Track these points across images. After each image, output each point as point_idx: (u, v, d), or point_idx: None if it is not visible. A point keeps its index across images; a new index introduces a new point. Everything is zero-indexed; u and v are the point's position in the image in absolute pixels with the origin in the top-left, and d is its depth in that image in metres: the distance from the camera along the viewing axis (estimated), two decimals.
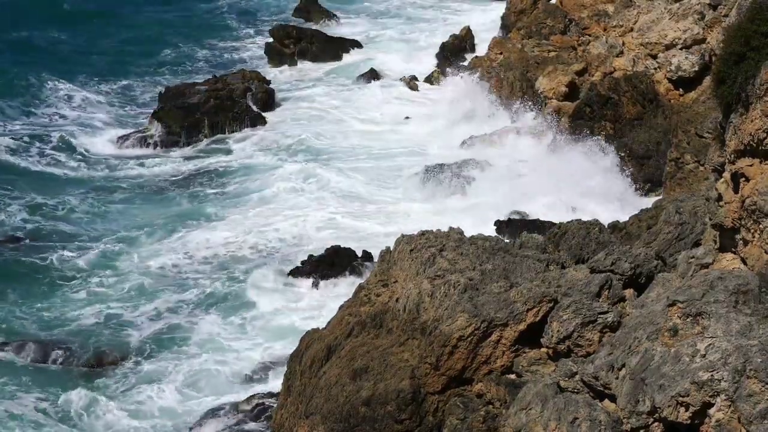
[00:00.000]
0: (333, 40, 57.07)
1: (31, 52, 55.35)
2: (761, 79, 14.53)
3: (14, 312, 28.93)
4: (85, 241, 33.67)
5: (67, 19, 61.65)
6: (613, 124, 36.58)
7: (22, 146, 42.41)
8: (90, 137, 44.20)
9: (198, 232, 34.28)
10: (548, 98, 40.23)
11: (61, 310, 29.04)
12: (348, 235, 33.59)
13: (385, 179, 38.73)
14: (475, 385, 17.49)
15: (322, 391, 18.80)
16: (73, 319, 28.58)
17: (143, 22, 62.85)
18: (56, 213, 35.99)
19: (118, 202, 37.59)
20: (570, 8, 46.53)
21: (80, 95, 49.13)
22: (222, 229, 34.46)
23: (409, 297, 19.07)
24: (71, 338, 27.46)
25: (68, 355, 26.71)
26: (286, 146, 42.67)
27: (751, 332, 13.18)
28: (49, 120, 46.22)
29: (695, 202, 21.62)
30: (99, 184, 39.38)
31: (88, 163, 41.70)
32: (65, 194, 37.79)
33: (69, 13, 63.31)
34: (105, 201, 37.44)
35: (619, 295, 17.49)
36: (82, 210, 36.45)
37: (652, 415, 13.30)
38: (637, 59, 38.20)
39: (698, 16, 37.95)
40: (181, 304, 29.55)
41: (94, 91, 50.17)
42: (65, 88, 49.69)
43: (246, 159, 42.01)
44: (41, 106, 47.45)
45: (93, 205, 36.99)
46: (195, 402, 24.77)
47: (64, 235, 34.14)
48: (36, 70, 50.95)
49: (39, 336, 27.61)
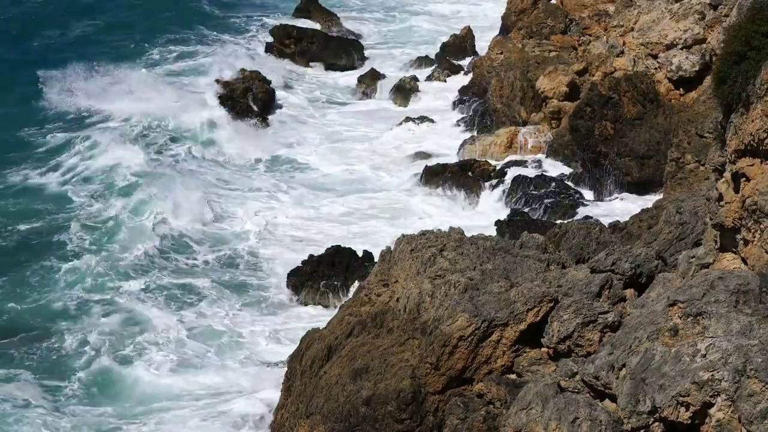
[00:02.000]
0: (333, 39, 57.06)
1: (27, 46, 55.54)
2: (762, 79, 14.54)
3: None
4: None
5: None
6: (613, 124, 36.55)
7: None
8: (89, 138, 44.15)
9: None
10: (549, 98, 40.22)
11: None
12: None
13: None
14: (476, 384, 17.49)
15: (323, 391, 18.80)
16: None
17: (144, 22, 62.80)
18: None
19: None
20: (570, 8, 46.52)
21: (80, 94, 49.01)
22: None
23: (410, 297, 19.08)
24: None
25: None
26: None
27: (752, 332, 13.18)
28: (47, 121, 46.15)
29: (696, 202, 21.62)
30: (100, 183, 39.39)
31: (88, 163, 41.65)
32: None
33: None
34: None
35: (619, 295, 17.49)
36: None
37: (653, 414, 13.29)
38: (638, 59, 38.17)
39: (699, 16, 37.92)
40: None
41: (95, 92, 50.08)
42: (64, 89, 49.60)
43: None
44: (39, 100, 47.32)
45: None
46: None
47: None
48: (30, 67, 50.92)
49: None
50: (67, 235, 33.58)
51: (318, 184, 39.22)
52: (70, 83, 47.56)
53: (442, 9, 66.95)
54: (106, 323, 28.15)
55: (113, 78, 48.41)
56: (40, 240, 33.46)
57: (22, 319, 28.58)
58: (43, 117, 45.29)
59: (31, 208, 36.10)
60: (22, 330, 27.89)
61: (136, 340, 27.41)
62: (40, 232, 34.11)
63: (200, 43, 57.22)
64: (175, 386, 25.51)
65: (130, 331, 27.86)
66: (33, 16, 61.82)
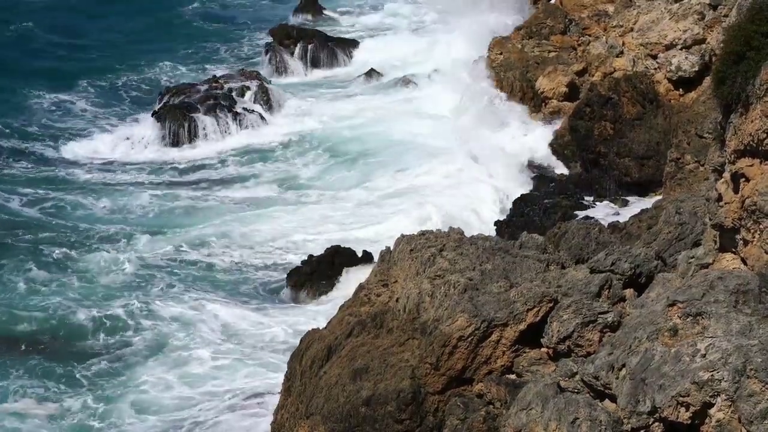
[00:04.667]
0: (333, 39, 57.06)
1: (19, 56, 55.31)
2: (761, 79, 14.53)
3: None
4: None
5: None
6: (613, 125, 36.58)
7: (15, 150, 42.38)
8: (87, 139, 44.17)
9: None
10: (548, 98, 40.23)
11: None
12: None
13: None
14: (476, 385, 17.49)
15: (323, 392, 18.80)
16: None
17: (143, 21, 62.83)
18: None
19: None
20: (570, 8, 46.52)
21: (80, 95, 49.08)
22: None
23: (410, 297, 19.07)
24: None
25: None
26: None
27: (751, 332, 13.18)
28: (46, 122, 46.18)
29: (695, 202, 21.62)
30: (99, 184, 39.41)
31: (88, 164, 41.66)
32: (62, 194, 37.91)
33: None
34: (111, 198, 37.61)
35: (619, 295, 17.49)
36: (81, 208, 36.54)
37: (653, 415, 13.30)
38: (637, 59, 38.19)
39: (698, 17, 37.94)
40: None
41: (94, 92, 50.12)
42: (63, 91, 49.63)
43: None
44: (34, 108, 47.27)
45: (93, 204, 37.05)
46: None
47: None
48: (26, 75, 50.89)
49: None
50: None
51: (318, 185, 39.28)
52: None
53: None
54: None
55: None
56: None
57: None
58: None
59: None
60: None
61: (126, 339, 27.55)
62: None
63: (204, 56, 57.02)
64: (174, 386, 25.54)
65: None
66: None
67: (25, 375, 25.79)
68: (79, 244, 33.31)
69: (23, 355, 26.88)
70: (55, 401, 24.70)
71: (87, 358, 26.77)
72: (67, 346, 27.43)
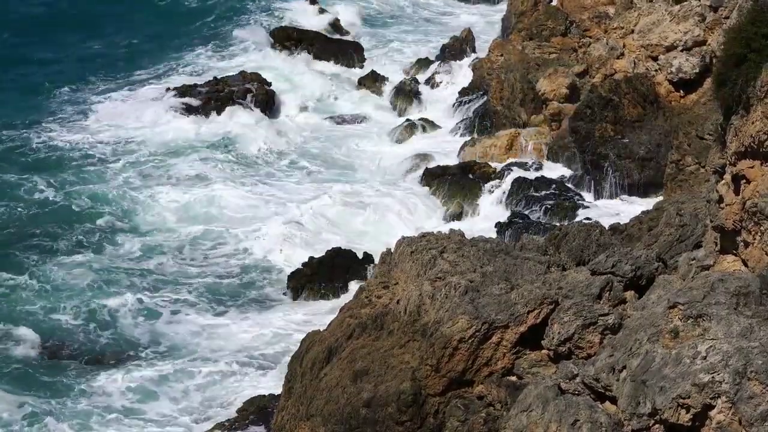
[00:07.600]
0: (333, 41, 56.96)
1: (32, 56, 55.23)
2: (762, 81, 14.55)
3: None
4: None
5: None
6: (613, 126, 36.55)
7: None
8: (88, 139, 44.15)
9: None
10: (549, 100, 40.22)
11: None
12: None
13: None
14: (476, 386, 17.50)
15: (323, 393, 18.81)
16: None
17: (143, 21, 62.74)
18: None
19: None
20: (571, 10, 46.50)
21: (79, 96, 49.03)
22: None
23: (410, 299, 19.07)
24: None
25: None
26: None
27: (752, 334, 13.19)
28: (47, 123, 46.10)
29: (696, 204, 21.62)
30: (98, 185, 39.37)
31: (87, 164, 41.63)
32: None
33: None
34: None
35: (619, 297, 17.49)
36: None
37: (653, 417, 13.30)
38: (638, 61, 38.16)
39: (699, 18, 37.91)
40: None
41: (94, 91, 50.06)
42: (66, 92, 49.55)
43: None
44: (45, 111, 47.20)
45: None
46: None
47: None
48: (37, 74, 50.85)
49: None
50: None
51: (316, 185, 39.24)
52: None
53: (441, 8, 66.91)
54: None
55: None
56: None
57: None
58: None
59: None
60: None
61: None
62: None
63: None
64: (174, 386, 25.57)
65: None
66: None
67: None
68: (79, 243, 33.39)
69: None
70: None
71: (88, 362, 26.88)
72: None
